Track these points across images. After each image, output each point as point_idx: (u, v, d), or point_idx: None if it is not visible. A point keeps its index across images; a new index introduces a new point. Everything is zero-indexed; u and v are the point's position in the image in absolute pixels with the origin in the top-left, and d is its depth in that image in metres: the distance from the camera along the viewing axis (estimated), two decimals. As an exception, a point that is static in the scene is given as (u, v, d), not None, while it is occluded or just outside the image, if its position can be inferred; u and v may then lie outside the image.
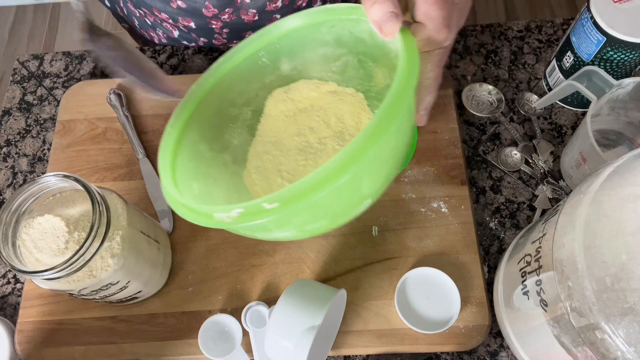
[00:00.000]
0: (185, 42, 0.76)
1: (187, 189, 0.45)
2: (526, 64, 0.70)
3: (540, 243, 0.44)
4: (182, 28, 0.74)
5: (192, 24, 0.72)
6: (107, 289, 0.50)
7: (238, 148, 0.54)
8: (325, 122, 0.55)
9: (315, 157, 0.55)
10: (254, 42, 0.51)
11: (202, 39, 0.74)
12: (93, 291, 0.49)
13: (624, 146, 0.62)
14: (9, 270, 0.62)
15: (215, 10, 0.68)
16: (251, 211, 0.36)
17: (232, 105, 0.53)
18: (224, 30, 0.72)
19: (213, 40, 0.75)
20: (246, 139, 0.55)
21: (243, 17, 0.70)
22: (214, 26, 0.71)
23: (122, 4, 0.77)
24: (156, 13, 0.72)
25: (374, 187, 0.41)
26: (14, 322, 0.58)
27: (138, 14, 0.76)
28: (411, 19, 0.42)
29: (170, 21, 0.73)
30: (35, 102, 0.72)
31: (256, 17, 0.70)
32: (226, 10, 0.68)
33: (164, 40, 0.79)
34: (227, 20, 0.70)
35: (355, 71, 0.52)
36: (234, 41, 0.75)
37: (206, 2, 0.67)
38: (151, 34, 0.78)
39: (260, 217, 0.36)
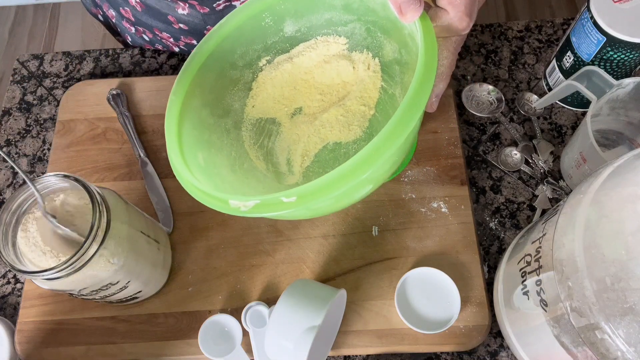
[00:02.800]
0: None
1: (194, 161, 0.45)
2: (526, 64, 0.70)
3: (540, 243, 0.44)
4: (183, 47, 0.74)
5: (195, 42, 0.72)
6: (107, 289, 0.50)
7: (239, 112, 0.53)
8: (325, 87, 0.54)
9: (314, 124, 0.55)
10: (258, 2, 0.49)
11: None
12: (93, 291, 0.49)
13: (624, 146, 0.62)
14: (9, 270, 0.62)
15: None
16: (268, 203, 0.37)
17: (233, 68, 0.52)
18: None
19: None
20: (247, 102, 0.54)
21: None
22: None
23: (115, 21, 0.77)
24: (157, 32, 0.72)
25: (378, 176, 0.41)
26: (14, 322, 0.58)
27: (134, 31, 0.75)
28: (432, 2, 0.42)
29: (171, 40, 0.72)
30: (35, 102, 0.72)
31: None
32: None
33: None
34: None
35: (362, 39, 0.51)
36: None
37: (207, 26, 0.67)
38: (148, 47, 0.78)
39: (276, 210, 0.37)
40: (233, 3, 0.65)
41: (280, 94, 0.55)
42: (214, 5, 0.65)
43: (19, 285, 0.62)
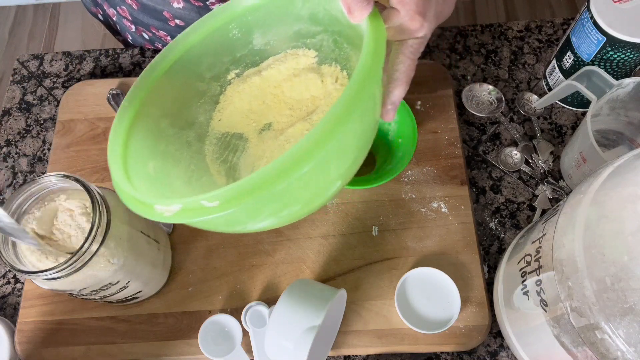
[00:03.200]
0: None
1: (141, 168, 0.43)
2: (526, 64, 0.70)
3: (540, 243, 0.44)
4: None
5: None
6: (107, 289, 0.50)
7: (204, 125, 0.51)
8: (295, 101, 0.52)
9: (279, 139, 0.53)
10: (223, 13, 0.48)
11: None
12: (93, 291, 0.49)
13: (624, 146, 0.62)
14: (9, 270, 0.62)
15: None
16: (190, 207, 0.34)
17: (199, 80, 0.50)
18: None
19: None
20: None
21: None
22: None
23: (115, 19, 0.77)
24: (154, 31, 0.72)
25: (341, 171, 0.38)
26: (14, 322, 0.58)
27: (134, 30, 0.75)
28: (387, 2, 0.40)
29: (169, 38, 0.72)
30: (35, 102, 0.72)
31: None
32: None
33: None
34: None
35: (330, 51, 0.50)
36: None
37: None
38: (148, 47, 0.78)
39: (200, 215, 0.34)
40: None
41: (248, 109, 0.53)
42: (207, 2, 0.65)
43: (19, 285, 0.62)
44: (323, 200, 0.41)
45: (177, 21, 0.68)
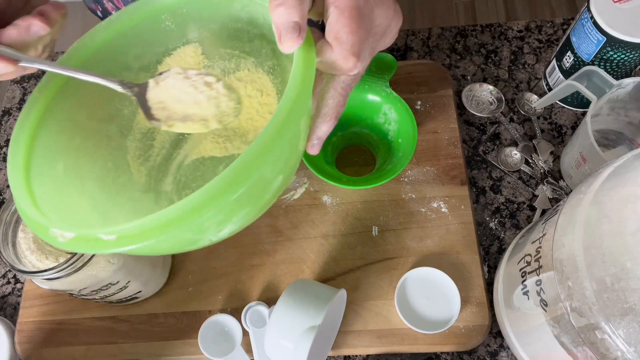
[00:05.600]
0: None
1: (48, 168, 0.40)
2: (526, 64, 0.70)
3: (540, 243, 0.44)
4: None
5: None
6: (107, 289, 0.50)
7: (128, 118, 0.48)
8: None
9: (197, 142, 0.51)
10: (154, 3, 0.45)
11: None
12: (93, 291, 0.49)
13: (624, 146, 0.62)
14: (9, 270, 0.62)
15: None
16: (85, 239, 0.32)
17: (126, 69, 0.47)
18: None
19: None
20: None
21: None
22: None
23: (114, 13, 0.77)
24: None
25: (274, 174, 0.36)
26: (14, 322, 0.59)
27: None
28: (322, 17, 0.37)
29: None
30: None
31: None
32: None
33: None
34: None
35: (269, 60, 0.47)
36: None
37: None
38: None
39: (96, 248, 0.32)
40: None
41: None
42: None
43: (19, 285, 0.62)
44: (266, 200, 0.38)
45: None
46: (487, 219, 0.62)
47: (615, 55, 0.56)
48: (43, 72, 0.42)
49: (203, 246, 0.36)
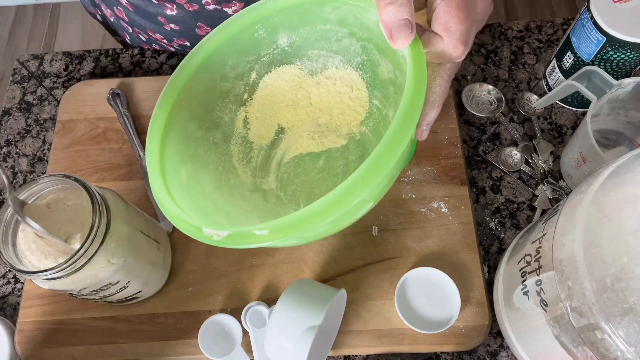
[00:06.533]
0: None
1: (176, 178, 0.44)
2: (526, 64, 0.70)
3: (540, 243, 0.44)
4: (177, 47, 0.73)
5: (187, 43, 0.71)
6: (107, 289, 0.50)
7: (229, 124, 0.52)
8: (319, 109, 0.53)
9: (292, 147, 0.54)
10: (250, 13, 0.48)
11: None
12: (93, 291, 0.49)
13: (624, 146, 0.62)
14: (9, 270, 0.62)
15: (209, 28, 0.67)
16: (240, 235, 0.36)
17: (224, 80, 0.51)
18: None
19: None
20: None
21: None
22: None
23: (112, 20, 0.77)
24: (150, 33, 0.72)
25: (374, 195, 0.40)
26: (14, 322, 0.58)
27: (131, 30, 0.75)
28: (427, 23, 0.40)
29: (165, 41, 0.72)
30: (35, 102, 0.72)
31: None
32: None
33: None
34: None
35: (358, 56, 0.50)
36: None
37: (198, 23, 0.67)
38: (146, 47, 0.78)
39: (250, 242, 0.36)
40: (224, 9, 0.65)
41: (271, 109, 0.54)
42: (203, 2, 0.64)
43: (19, 285, 0.62)
44: (352, 221, 0.43)
45: (172, 25, 0.68)
46: (487, 219, 0.62)
47: (615, 55, 0.56)
48: (43, 73, 0.43)
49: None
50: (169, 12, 0.66)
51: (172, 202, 0.42)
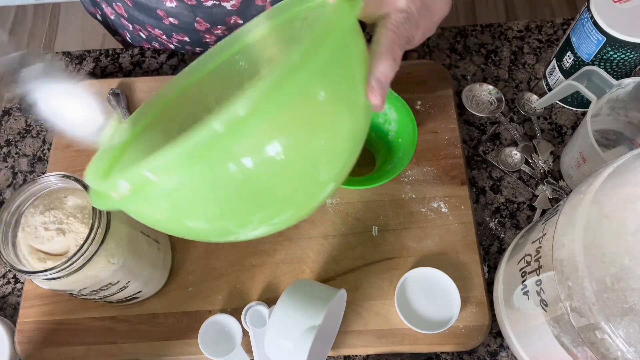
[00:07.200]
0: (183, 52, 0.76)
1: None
2: (526, 64, 0.70)
3: (540, 243, 0.44)
4: (177, 43, 0.74)
5: (187, 38, 0.71)
6: (107, 289, 0.50)
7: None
8: None
9: None
10: (227, 49, 0.48)
11: (197, 49, 0.74)
12: (93, 291, 0.49)
13: (624, 146, 0.62)
14: (9, 270, 0.62)
15: (207, 24, 0.68)
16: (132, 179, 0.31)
17: (207, 112, 0.46)
18: None
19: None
20: None
21: None
22: (208, 40, 0.71)
23: (113, 18, 0.77)
24: (150, 29, 0.72)
25: (330, 170, 0.35)
26: (14, 322, 0.58)
27: (131, 28, 0.75)
28: None
29: (165, 37, 0.72)
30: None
31: None
32: (218, 27, 0.68)
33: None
34: (221, 35, 0.70)
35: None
36: None
37: (197, 17, 0.67)
38: (146, 46, 0.78)
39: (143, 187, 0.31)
40: (222, 3, 0.65)
41: None
42: None
43: (19, 285, 0.62)
44: (316, 202, 0.38)
45: (171, 19, 0.68)
46: (487, 219, 0.62)
47: (615, 55, 0.56)
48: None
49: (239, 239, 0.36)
50: (167, 3, 0.66)
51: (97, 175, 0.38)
